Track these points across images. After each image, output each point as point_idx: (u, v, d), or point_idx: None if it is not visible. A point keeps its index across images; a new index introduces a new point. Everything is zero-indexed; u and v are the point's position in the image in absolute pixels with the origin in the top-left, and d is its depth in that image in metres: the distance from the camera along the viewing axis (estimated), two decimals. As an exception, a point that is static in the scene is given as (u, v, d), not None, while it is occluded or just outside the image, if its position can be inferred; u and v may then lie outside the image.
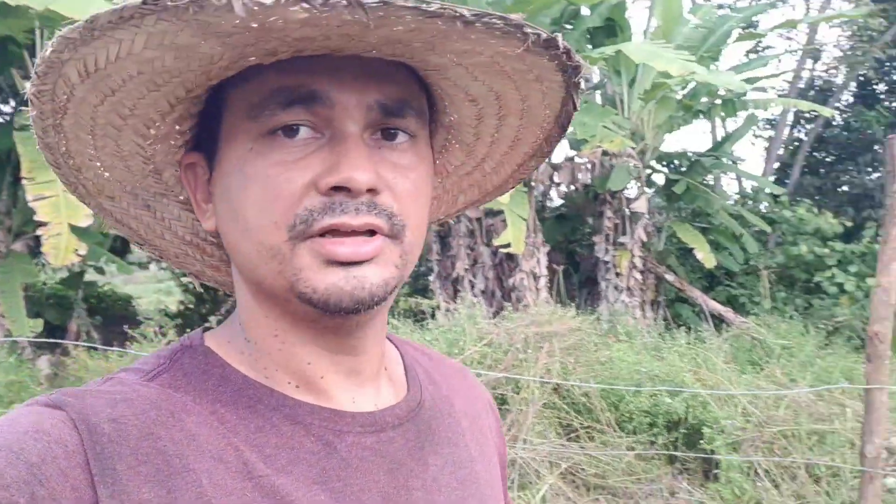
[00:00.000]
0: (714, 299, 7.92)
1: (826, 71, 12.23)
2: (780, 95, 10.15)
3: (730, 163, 9.36)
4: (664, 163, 9.04)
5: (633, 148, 7.38)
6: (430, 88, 0.62)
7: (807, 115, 11.24)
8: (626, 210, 7.64)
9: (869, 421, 2.64)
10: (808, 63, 11.79)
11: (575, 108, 0.61)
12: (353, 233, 0.54)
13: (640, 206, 7.49)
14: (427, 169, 0.61)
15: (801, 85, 11.52)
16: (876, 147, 10.90)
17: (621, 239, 7.61)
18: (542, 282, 7.22)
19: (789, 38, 12.09)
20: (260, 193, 0.55)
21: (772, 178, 10.99)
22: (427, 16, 0.46)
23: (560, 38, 0.51)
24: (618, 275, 7.48)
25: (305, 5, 0.43)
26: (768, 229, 8.75)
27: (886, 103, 10.77)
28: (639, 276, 7.58)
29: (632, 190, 7.81)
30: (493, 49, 0.52)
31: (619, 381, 4.14)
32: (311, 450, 0.57)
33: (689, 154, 8.90)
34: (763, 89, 9.49)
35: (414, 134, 0.58)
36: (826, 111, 7.50)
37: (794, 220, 8.97)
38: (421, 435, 0.64)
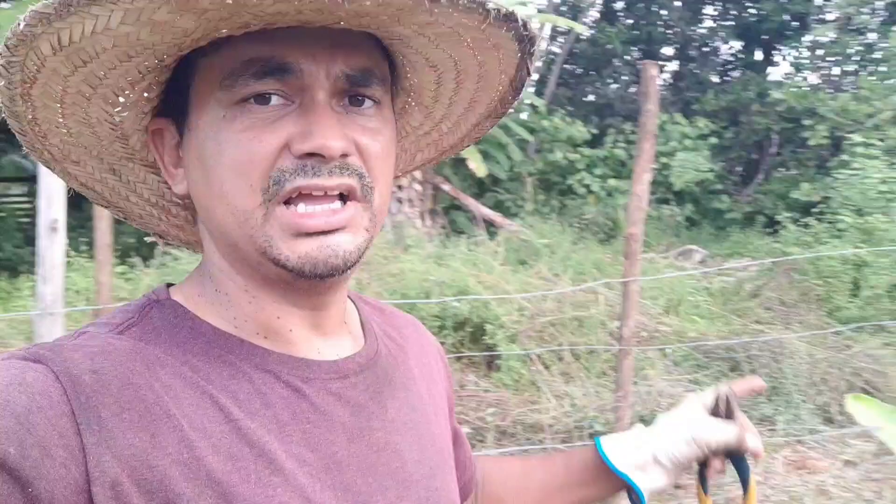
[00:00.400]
0: (485, 205, 8.54)
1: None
2: (539, 11, 10.82)
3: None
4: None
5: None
6: (392, 54, 0.64)
7: (561, 31, 12.14)
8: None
9: (625, 307, 3.10)
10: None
11: (528, 74, 0.65)
12: (325, 196, 0.57)
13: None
14: (391, 132, 0.64)
15: (557, 1, 12.36)
16: (615, 61, 12.18)
17: (400, 151, 7.76)
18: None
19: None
20: (234, 158, 0.57)
21: (532, 90, 11.84)
22: None
23: (518, 14, 0.56)
24: (400, 187, 7.68)
25: None
26: (530, 138, 9.52)
27: (625, 20, 12.01)
28: (419, 187, 7.86)
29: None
30: (455, 21, 0.54)
31: (411, 291, 4.37)
32: (281, 395, 0.60)
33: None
34: (524, 4, 10.03)
35: (378, 100, 0.61)
36: (578, 27, 8.17)
37: (550, 129, 9.86)
38: (379, 381, 0.68)
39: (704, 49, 11.47)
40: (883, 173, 5.87)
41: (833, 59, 9.80)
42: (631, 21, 11.77)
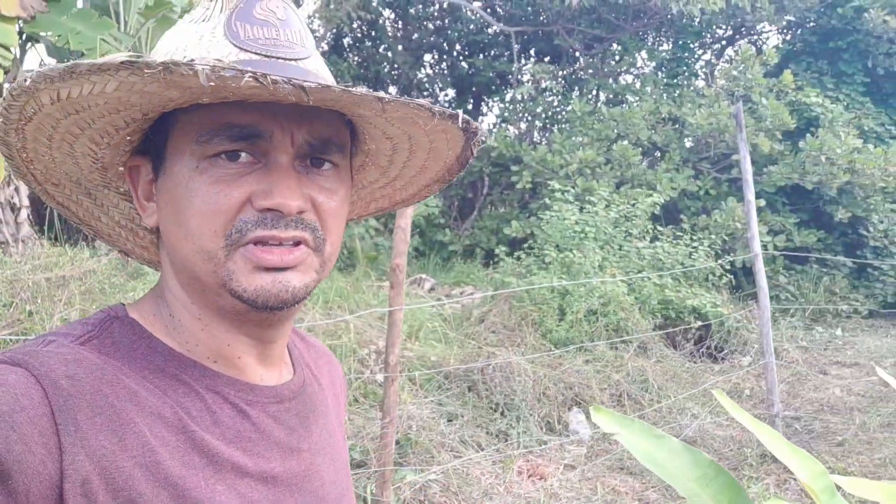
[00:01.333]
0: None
1: (308, 19, 13.36)
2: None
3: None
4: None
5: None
6: (353, 123, 0.72)
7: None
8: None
9: (391, 335, 3.19)
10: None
11: (472, 155, 0.75)
12: (281, 244, 0.64)
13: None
14: (346, 191, 0.71)
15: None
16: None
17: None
18: (24, 214, 6.11)
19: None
20: (202, 206, 0.63)
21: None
22: (354, 95, 0.57)
23: (461, 114, 0.65)
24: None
25: (258, 82, 0.51)
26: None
27: (353, 57, 12.44)
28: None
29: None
30: (406, 112, 0.63)
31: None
32: (228, 414, 0.67)
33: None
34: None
35: (337, 164, 0.69)
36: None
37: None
38: (306, 407, 0.76)
39: (425, 93, 12.43)
40: (576, 215, 6.95)
41: (529, 116, 11.38)
42: (359, 59, 12.26)
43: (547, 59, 11.98)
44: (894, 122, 11.40)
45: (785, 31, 12.55)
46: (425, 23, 12.76)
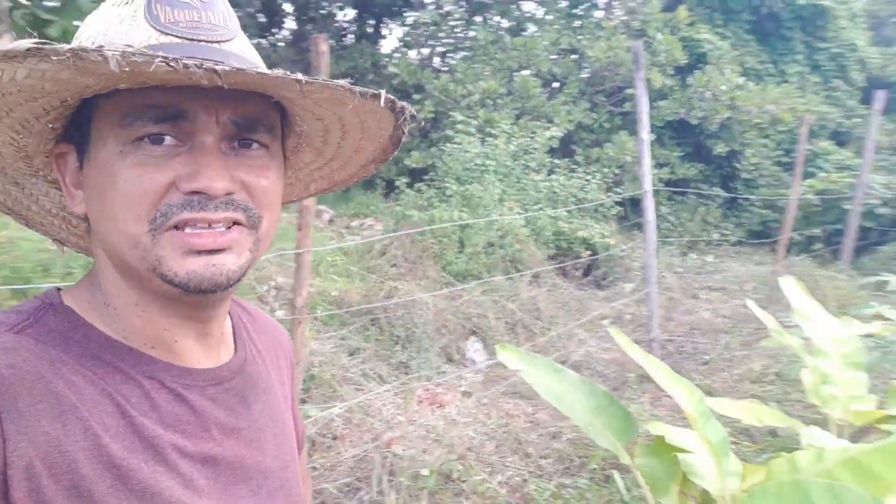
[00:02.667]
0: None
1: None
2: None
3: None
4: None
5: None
6: (283, 105, 0.70)
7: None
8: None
9: (299, 277, 3.23)
10: None
11: (403, 134, 0.75)
12: (211, 226, 0.64)
13: None
14: (279, 170, 0.71)
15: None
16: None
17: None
18: None
19: None
20: (126, 190, 0.62)
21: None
22: (270, 78, 0.57)
23: (383, 94, 0.65)
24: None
25: (169, 66, 0.51)
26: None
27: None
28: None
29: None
30: (330, 93, 0.63)
31: (25, 265, 3.74)
32: (166, 399, 0.68)
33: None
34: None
35: (266, 144, 0.68)
36: None
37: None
38: (246, 386, 0.78)
39: (322, 12, 11.88)
40: (477, 148, 7.06)
41: (431, 41, 11.20)
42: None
43: (449, -20, 11.70)
44: (773, 61, 12.12)
45: (680, -35, 12.83)
46: (323, -65, 12.06)
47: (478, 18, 11.30)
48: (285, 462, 0.80)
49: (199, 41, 0.63)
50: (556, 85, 10.48)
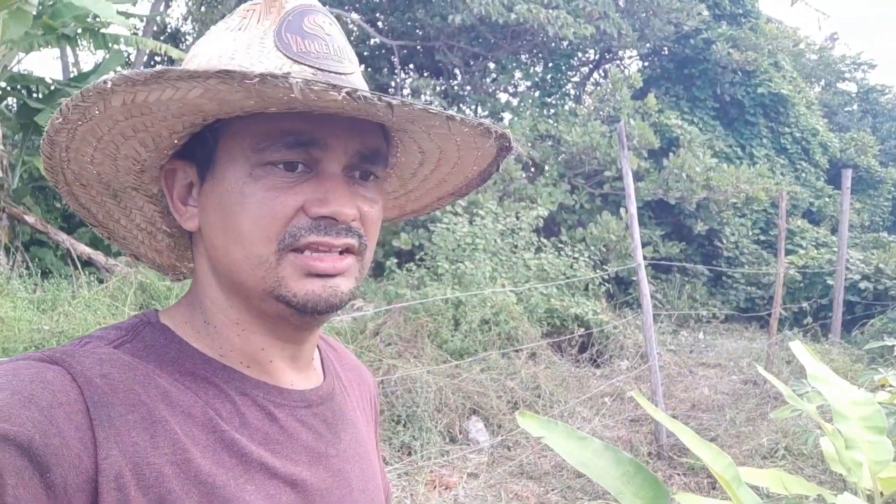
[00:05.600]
0: (79, 242, 7.39)
1: (179, 18, 12.71)
2: (134, 34, 10.01)
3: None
4: (18, 86, 7.76)
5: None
6: (389, 136, 0.73)
7: (162, 56, 11.42)
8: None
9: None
10: (162, 7, 11.95)
11: (498, 170, 0.77)
12: (331, 251, 0.66)
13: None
14: (383, 201, 0.73)
15: (155, 28, 11.62)
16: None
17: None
18: None
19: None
20: (257, 212, 0.64)
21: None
22: (430, 113, 0.59)
23: (509, 133, 0.68)
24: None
25: (348, 98, 0.53)
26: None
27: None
28: (-8, 217, 6.40)
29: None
30: (472, 130, 0.66)
31: (18, 345, 3.53)
32: (257, 416, 0.67)
33: (49, 81, 7.89)
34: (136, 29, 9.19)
35: (379, 176, 0.71)
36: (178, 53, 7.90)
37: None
38: (335, 414, 0.76)
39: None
40: (466, 227, 7.07)
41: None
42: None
43: (426, 74, 12.15)
44: (741, 145, 12.62)
45: (646, 57, 13.55)
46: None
47: (455, 108, 11.65)
48: (372, 500, 0.77)
49: (329, 72, 0.65)
50: (533, 170, 10.72)
